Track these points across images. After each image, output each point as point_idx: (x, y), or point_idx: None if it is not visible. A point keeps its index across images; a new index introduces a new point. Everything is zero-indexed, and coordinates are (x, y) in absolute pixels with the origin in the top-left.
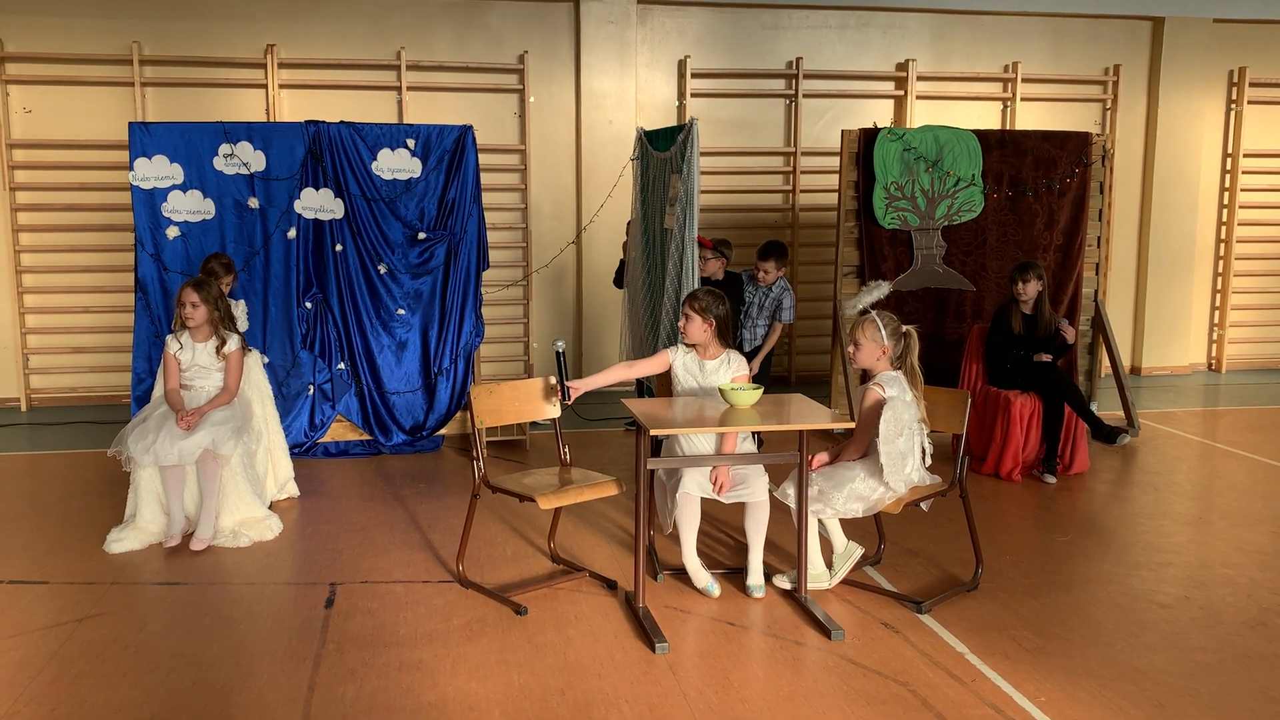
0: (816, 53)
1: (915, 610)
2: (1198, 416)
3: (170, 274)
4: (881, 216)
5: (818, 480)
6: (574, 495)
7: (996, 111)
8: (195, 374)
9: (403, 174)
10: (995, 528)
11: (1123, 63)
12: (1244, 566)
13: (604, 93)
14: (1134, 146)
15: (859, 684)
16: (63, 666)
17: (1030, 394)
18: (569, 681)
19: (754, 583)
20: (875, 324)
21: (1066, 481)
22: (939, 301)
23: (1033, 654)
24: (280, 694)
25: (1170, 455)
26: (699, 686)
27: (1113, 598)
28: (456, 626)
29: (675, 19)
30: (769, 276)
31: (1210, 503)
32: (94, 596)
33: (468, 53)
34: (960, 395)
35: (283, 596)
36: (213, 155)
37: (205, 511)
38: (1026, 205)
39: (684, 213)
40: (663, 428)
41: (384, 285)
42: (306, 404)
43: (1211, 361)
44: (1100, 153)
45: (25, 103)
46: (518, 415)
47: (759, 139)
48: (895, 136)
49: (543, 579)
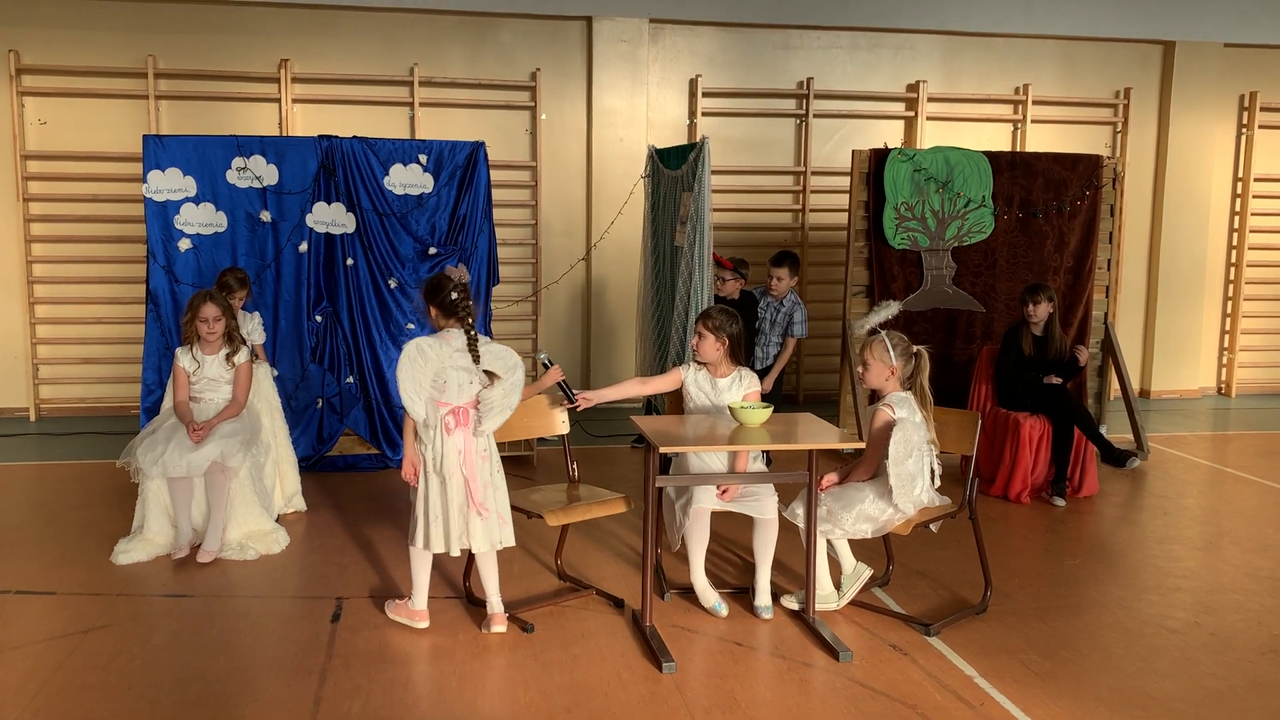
0: (827, 73)
1: (924, 632)
2: (1207, 440)
3: (181, 286)
4: (891, 237)
5: (826, 501)
6: (582, 512)
7: (1007, 133)
8: (205, 386)
9: (414, 189)
10: (1004, 550)
11: (1134, 86)
12: (1255, 592)
13: (615, 110)
14: (1144, 170)
15: (867, 706)
16: (69, 678)
17: (1040, 416)
18: (576, 700)
19: (762, 603)
20: (884, 344)
21: (1076, 504)
22: (948, 322)
23: (1042, 678)
24: (286, 709)
25: (1180, 479)
26: (706, 706)
27: (1122, 622)
28: (463, 643)
29: (687, 38)
30: (781, 285)
31: (1220, 527)
32: (101, 608)
33: (480, 69)
34: (970, 417)
35: (289, 610)
36: (226, 168)
37: (213, 524)
38: (1037, 227)
39: (695, 230)
40: (672, 445)
41: (394, 299)
42: (315, 417)
43: (1221, 385)
44: (1111, 175)
45: (40, 114)
46: (526, 431)
47: (769, 158)
48: (906, 157)
49: (550, 596)
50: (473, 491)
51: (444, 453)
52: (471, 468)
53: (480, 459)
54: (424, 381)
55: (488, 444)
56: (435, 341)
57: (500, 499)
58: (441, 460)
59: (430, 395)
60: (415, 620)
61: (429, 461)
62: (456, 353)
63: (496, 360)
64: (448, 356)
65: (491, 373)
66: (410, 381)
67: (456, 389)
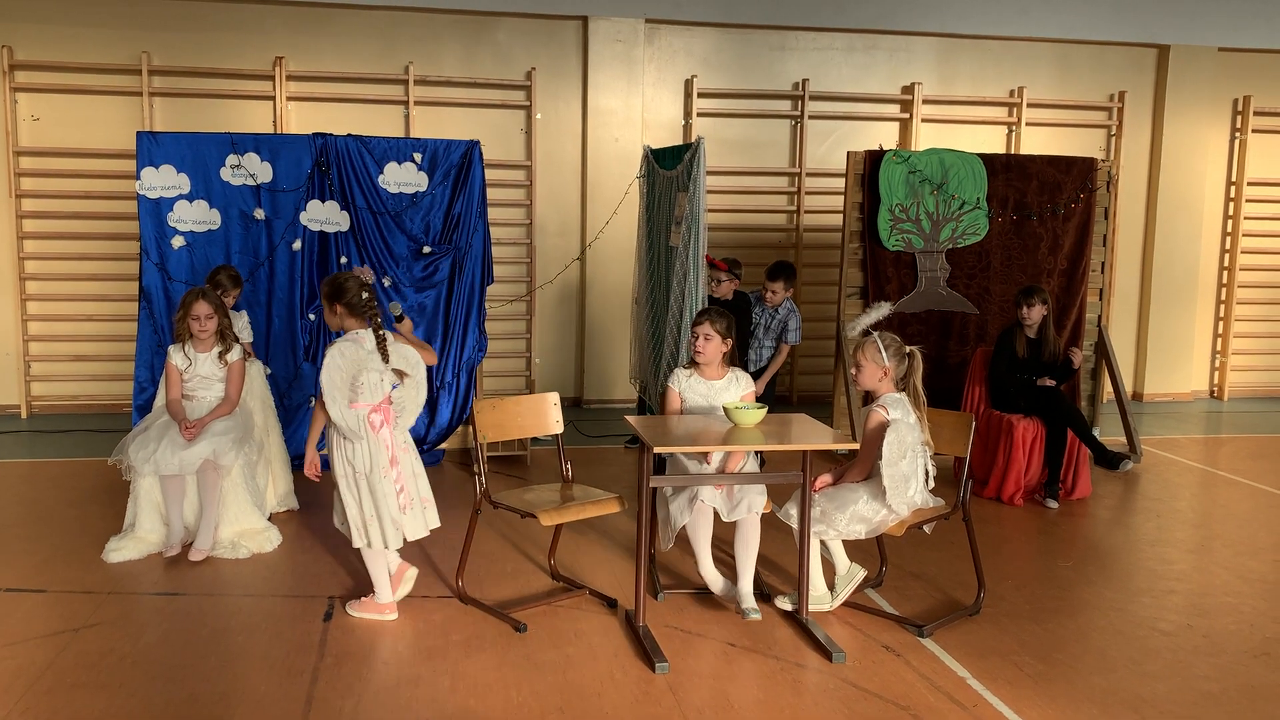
0: (823, 74)
1: (917, 634)
2: (1200, 443)
3: (175, 284)
4: (886, 238)
5: (820, 501)
6: (575, 512)
7: (1002, 135)
8: (198, 384)
9: (409, 188)
10: (997, 552)
11: (1128, 89)
12: (1247, 595)
13: (611, 110)
14: (1138, 173)
15: (860, 707)
16: (59, 676)
17: (1033, 418)
18: (568, 700)
19: (748, 606)
20: (876, 345)
21: (1068, 506)
22: (942, 324)
23: (1034, 680)
24: (277, 708)
25: (1172, 482)
26: (698, 707)
27: (1115, 624)
28: (455, 643)
29: (683, 38)
30: (776, 297)
31: (1212, 530)
32: (92, 606)
33: (476, 68)
34: (964, 418)
35: (281, 609)
36: (220, 166)
37: (205, 522)
38: (1031, 229)
39: (689, 231)
40: (665, 445)
41: (388, 298)
42: (308, 416)
43: (1214, 388)
44: (1105, 178)
45: (33, 111)
46: (520, 430)
47: (764, 159)
48: (901, 159)
49: (543, 596)
50: (406, 487)
51: (374, 452)
52: (399, 462)
53: (403, 452)
54: (345, 386)
55: (406, 436)
56: (350, 345)
57: (424, 485)
58: (371, 461)
59: (349, 398)
60: (385, 614)
61: (356, 468)
62: (369, 354)
63: (402, 359)
64: (364, 358)
65: (400, 371)
66: (337, 388)
67: (371, 389)
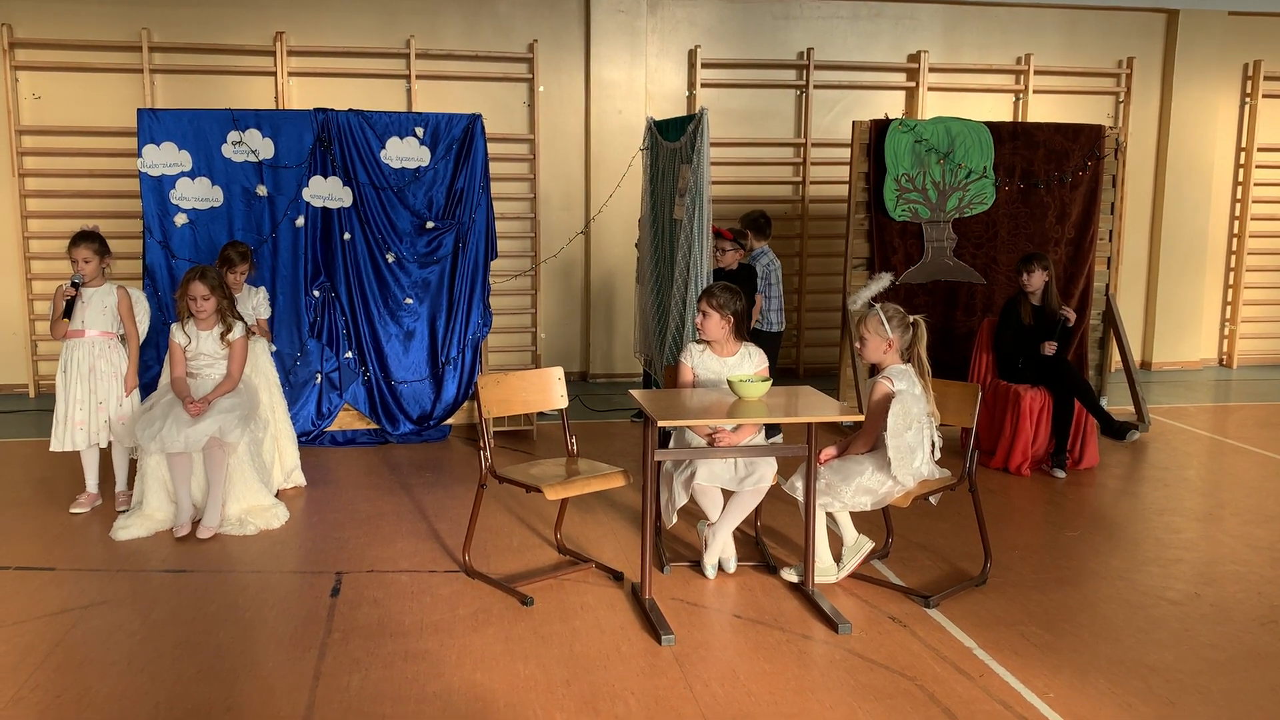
0: (828, 43)
1: (923, 604)
2: (1208, 412)
3: (178, 261)
4: (892, 208)
5: (826, 474)
6: (581, 486)
7: (1009, 104)
8: (202, 362)
9: (411, 162)
10: (1004, 522)
11: (1136, 55)
12: (1255, 563)
13: (614, 82)
14: (1147, 140)
15: (866, 678)
16: (68, 653)
17: (1040, 388)
18: (575, 673)
19: (709, 562)
20: (879, 317)
21: (1076, 476)
22: (949, 294)
23: (1041, 650)
24: (286, 682)
25: (1180, 451)
26: (705, 679)
27: (1122, 594)
28: (462, 616)
29: (686, 8)
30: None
31: (1220, 499)
32: (100, 583)
33: (477, 41)
34: (970, 389)
35: (288, 585)
36: (221, 142)
37: (212, 499)
38: (1038, 198)
39: (694, 203)
40: (669, 419)
41: (392, 274)
42: (314, 392)
43: (1223, 357)
44: (1113, 146)
45: (35, 89)
46: (525, 405)
47: (769, 130)
48: (907, 128)
49: (549, 570)
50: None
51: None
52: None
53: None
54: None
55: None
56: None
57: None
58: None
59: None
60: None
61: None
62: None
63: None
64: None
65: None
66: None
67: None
